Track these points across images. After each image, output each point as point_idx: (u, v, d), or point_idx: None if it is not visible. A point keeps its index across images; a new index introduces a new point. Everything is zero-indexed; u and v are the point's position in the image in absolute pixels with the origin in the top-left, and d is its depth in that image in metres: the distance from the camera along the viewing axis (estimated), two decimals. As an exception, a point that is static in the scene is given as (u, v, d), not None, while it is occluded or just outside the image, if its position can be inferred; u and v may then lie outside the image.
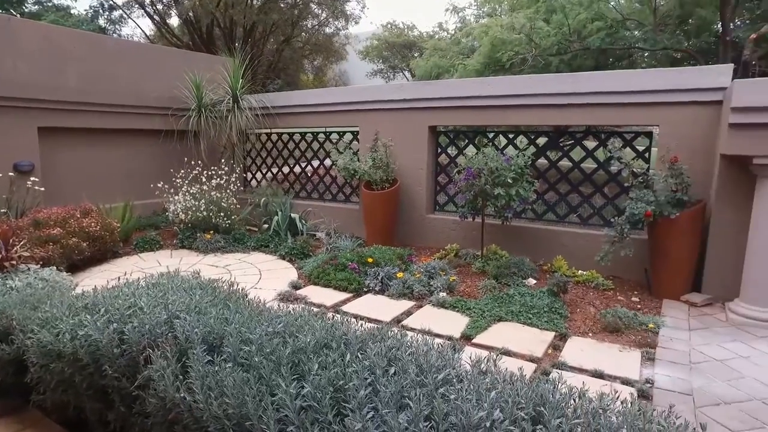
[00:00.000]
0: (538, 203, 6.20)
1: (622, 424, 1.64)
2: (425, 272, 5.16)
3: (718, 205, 4.73)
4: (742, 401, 3.06)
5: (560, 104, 5.68)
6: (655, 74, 5.30)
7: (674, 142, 5.07)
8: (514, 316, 4.29)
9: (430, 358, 2.08)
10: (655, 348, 3.75)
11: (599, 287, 5.07)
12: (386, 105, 6.95)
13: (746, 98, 4.11)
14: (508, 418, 1.65)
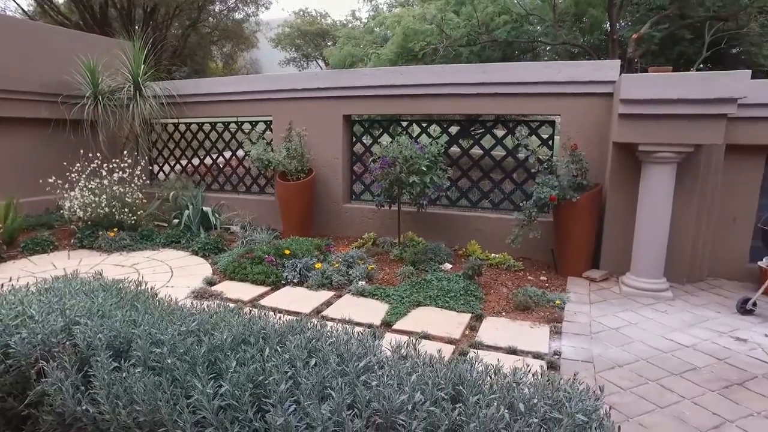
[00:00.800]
0: (452, 190, 6.41)
1: (534, 394, 1.74)
2: (344, 262, 5.16)
3: (612, 188, 5.15)
4: (631, 363, 3.38)
5: (471, 93, 5.89)
6: (556, 67, 5.64)
7: (574, 131, 5.45)
8: (432, 301, 4.41)
9: (350, 347, 2.08)
10: (562, 322, 4.03)
11: (511, 269, 5.35)
12: (300, 94, 6.82)
13: (632, 91, 4.48)
14: (429, 399, 1.70)
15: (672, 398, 2.98)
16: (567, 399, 1.72)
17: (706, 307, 4.45)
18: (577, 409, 1.64)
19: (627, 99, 4.51)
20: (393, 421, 1.63)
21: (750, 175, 5.10)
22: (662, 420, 2.76)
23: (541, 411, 1.64)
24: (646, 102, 4.44)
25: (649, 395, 3.00)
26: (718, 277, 5.25)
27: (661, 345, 3.67)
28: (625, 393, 3.03)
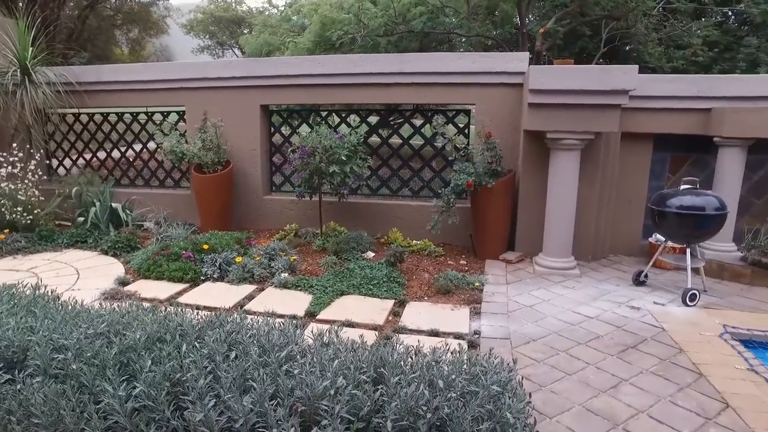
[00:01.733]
0: (372, 179, 6.46)
1: (452, 371, 1.82)
2: (265, 254, 5.07)
3: (524, 174, 5.44)
4: (544, 336, 3.62)
5: (389, 83, 5.95)
6: (470, 58, 5.83)
7: (488, 119, 5.67)
8: (356, 289, 4.45)
9: (272, 338, 2.06)
10: (481, 303, 4.22)
11: (432, 254, 5.50)
12: (215, 83, 6.54)
13: (539, 82, 4.74)
14: (351, 383, 1.72)
15: (579, 365, 3.23)
16: (483, 373, 1.81)
17: (607, 281, 4.84)
18: (491, 381, 1.73)
19: (535, 89, 4.77)
20: (316, 407, 1.64)
21: (641, 160, 5.59)
22: (571, 386, 2.99)
23: (459, 386, 1.72)
24: (552, 92, 4.72)
25: (559, 365, 3.23)
26: (618, 254, 5.72)
27: (570, 318, 3.95)
28: (538, 364, 3.24)
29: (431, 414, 1.58)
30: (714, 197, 4.36)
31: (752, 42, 11.50)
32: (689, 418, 2.69)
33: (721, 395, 2.88)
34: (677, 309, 4.16)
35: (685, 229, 4.33)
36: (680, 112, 5.31)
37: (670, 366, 3.23)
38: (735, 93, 5.18)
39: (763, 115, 4.88)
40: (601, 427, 2.61)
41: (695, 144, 5.42)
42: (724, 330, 3.73)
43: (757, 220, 5.52)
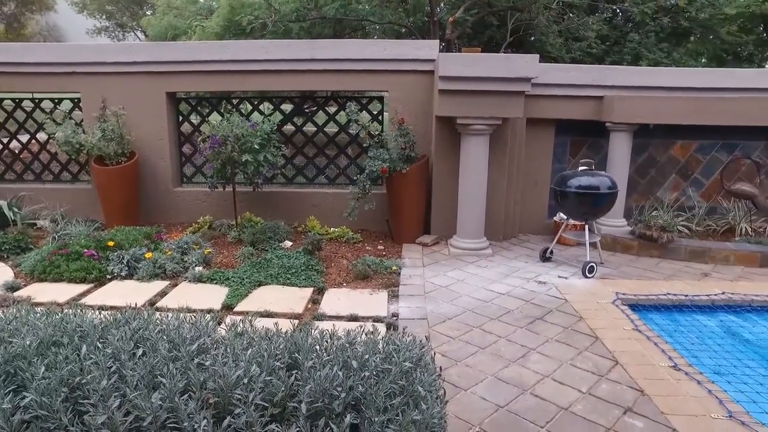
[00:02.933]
0: (287, 168, 6.37)
1: (366, 351, 1.86)
2: (177, 249, 4.84)
3: (437, 158, 5.60)
4: (459, 314, 3.79)
5: (302, 70, 5.86)
6: (382, 45, 5.88)
7: (401, 106, 5.76)
8: (274, 279, 4.39)
9: (182, 332, 1.98)
10: (399, 286, 4.32)
11: (350, 241, 5.53)
12: (115, 68, 6.08)
13: (449, 69, 4.89)
14: (265, 370, 1.71)
15: (491, 339, 3.41)
16: (396, 351, 1.87)
17: (517, 259, 5.14)
18: (404, 358, 1.79)
19: (445, 76, 4.91)
20: (230, 397, 1.61)
21: (544, 144, 5.96)
22: (484, 358, 3.16)
23: (373, 365, 1.76)
24: (461, 79, 4.89)
25: (473, 340, 3.40)
26: (527, 233, 6.09)
27: (483, 296, 4.16)
28: (454, 341, 3.38)
29: (345, 394, 1.61)
30: (607, 177, 4.76)
31: (635, 38, 12.57)
32: (586, 378, 2.94)
33: (612, 354, 3.19)
34: (578, 281, 4.51)
35: (583, 207, 4.69)
36: (577, 100, 5.71)
37: (572, 333, 3.51)
38: (621, 82, 5.66)
39: (644, 103, 5.38)
40: (511, 393, 2.79)
41: (591, 129, 5.85)
42: (616, 297, 4.10)
43: (642, 197, 6.10)
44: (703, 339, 3.71)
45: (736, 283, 4.57)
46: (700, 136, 5.96)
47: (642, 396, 2.77)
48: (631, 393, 2.80)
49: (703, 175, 6.12)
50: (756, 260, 5.09)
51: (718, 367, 3.28)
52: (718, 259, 5.15)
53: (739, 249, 5.17)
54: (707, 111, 5.33)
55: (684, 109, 5.35)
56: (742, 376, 3.19)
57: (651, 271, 4.86)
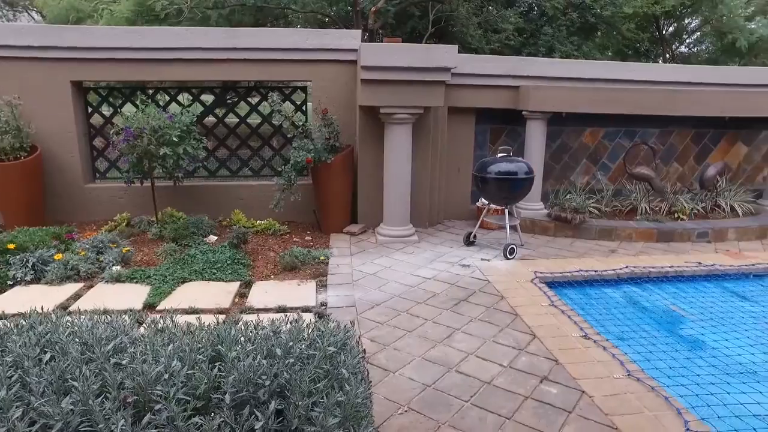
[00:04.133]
0: (210, 160, 6.17)
1: (290, 339, 1.87)
2: (92, 248, 4.56)
3: (362, 148, 5.64)
4: (387, 300, 3.87)
5: (222, 59, 5.66)
6: (303, 34, 5.81)
7: (325, 96, 5.74)
8: (199, 275, 4.26)
9: (97, 332, 1.90)
10: (327, 276, 4.33)
11: (277, 233, 5.47)
12: (6, 52, 5.54)
13: (370, 59, 4.93)
14: (187, 364, 1.67)
15: (418, 322, 3.52)
16: (320, 337, 1.89)
17: (443, 244, 5.31)
18: (328, 343, 1.82)
19: (367, 66, 4.94)
20: (150, 394, 1.57)
21: (466, 132, 6.17)
22: (411, 341, 3.25)
23: (297, 352, 1.78)
24: (383, 69, 4.94)
25: (401, 324, 3.49)
26: (452, 219, 6.29)
27: (410, 281, 4.27)
28: (382, 326, 3.46)
29: (270, 381, 1.62)
30: (524, 163, 5.01)
31: (548, 31, 13.25)
32: (507, 352, 3.12)
33: (530, 329, 3.39)
34: (500, 263, 4.74)
35: (503, 191, 4.92)
36: (496, 89, 5.95)
37: (494, 312, 3.70)
38: (536, 73, 5.96)
39: (556, 93, 5.70)
40: (438, 372, 2.90)
41: (509, 117, 6.13)
42: (534, 276, 4.35)
43: (557, 182, 6.49)
44: (609, 309, 4.04)
45: (637, 257, 5.00)
46: (606, 124, 6.42)
47: (557, 365, 2.98)
48: (547, 363, 3.00)
49: (609, 159, 6.60)
50: (654, 236, 5.59)
51: (621, 333, 3.59)
52: (623, 237, 5.60)
53: (640, 227, 5.65)
54: (610, 101, 5.75)
55: (591, 99, 5.73)
56: (640, 339, 3.53)
57: (566, 250, 5.20)
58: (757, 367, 3.23)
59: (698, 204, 6.23)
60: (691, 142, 6.77)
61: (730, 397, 2.87)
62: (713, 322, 3.89)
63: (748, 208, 6.35)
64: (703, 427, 2.45)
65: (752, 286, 4.66)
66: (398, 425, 2.43)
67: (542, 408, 2.59)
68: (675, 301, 4.26)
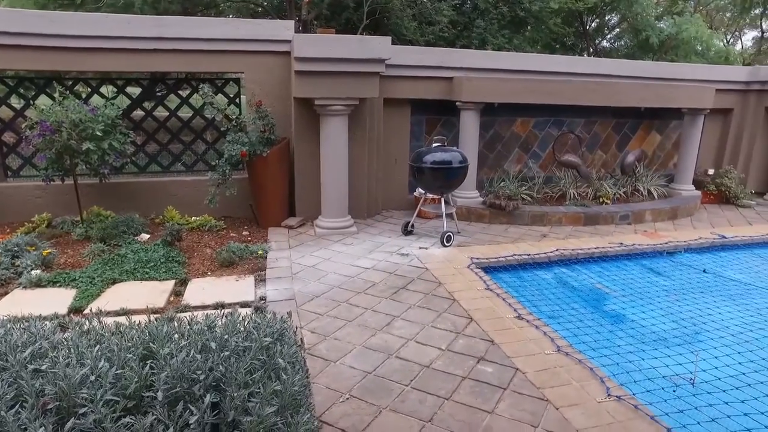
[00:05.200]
0: (139, 156, 5.89)
1: (226, 332, 1.84)
2: (6, 252, 4.25)
3: (298, 140, 5.58)
4: (326, 292, 3.87)
5: (148, 49, 5.38)
6: (235, 24, 5.65)
7: (258, 88, 5.62)
8: (130, 275, 4.08)
9: (11, 339, 1.79)
10: (265, 270, 4.27)
11: (213, 229, 5.32)
12: None
13: (304, 50, 4.87)
14: (116, 364, 1.61)
15: (358, 312, 3.55)
16: (256, 329, 1.88)
17: (381, 234, 5.36)
18: (264, 334, 1.81)
19: (300, 57, 4.88)
20: (74, 398, 1.50)
21: (402, 123, 6.25)
22: (352, 330, 3.28)
23: (233, 344, 1.76)
24: (316, 60, 4.90)
25: (341, 314, 3.51)
26: (390, 209, 6.36)
27: (349, 272, 4.29)
28: (322, 317, 3.46)
29: (206, 376, 1.59)
30: (458, 152, 5.14)
31: (481, 24, 13.61)
32: (445, 336, 3.21)
33: (467, 313, 3.51)
34: (438, 250, 4.85)
35: (438, 180, 5.03)
36: (430, 80, 6.06)
37: (432, 298, 3.79)
38: (469, 65, 6.12)
39: (488, 84, 5.87)
40: (378, 359, 2.95)
41: (444, 108, 6.25)
42: (471, 262, 4.50)
43: (492, 170, 6.71)
44: (541, 290, 4.25)
45: (566, 240, 5.27)
46: (536, 114, 6.70)
47: (492, 345, 3.11)
48: (483, 344, 3.12)
49: (540, 148, 6.90)
50: (581, 220, 5.91)
51: (552, 312, 3.79)
52: (554, 221, 5.89)
53: (569, 211, 5.96)
54: (538, 91, 5.99)
55: (521, 89, 5.96)
56: (569, 317, 3.74)
57: (501, 236, 5.40)
58: (666, 335, 3.52)
59: (620, 189, 6.66)
60: (613, 131, 7.20)
61: (644, 363, 3.12)
62: (632, 297, 4.18)
63: (662, 192, 6.85)
64: (622, 391, 2.65)
65: (665, 262, 5.05)
66: (340, 413, 2.45)
67: (479, 386, 2.69)
68: (600, 280, 4.54)
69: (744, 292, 4.35)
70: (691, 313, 3.89)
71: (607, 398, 2.59)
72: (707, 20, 18.99)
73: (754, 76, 7.50)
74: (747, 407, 2.72)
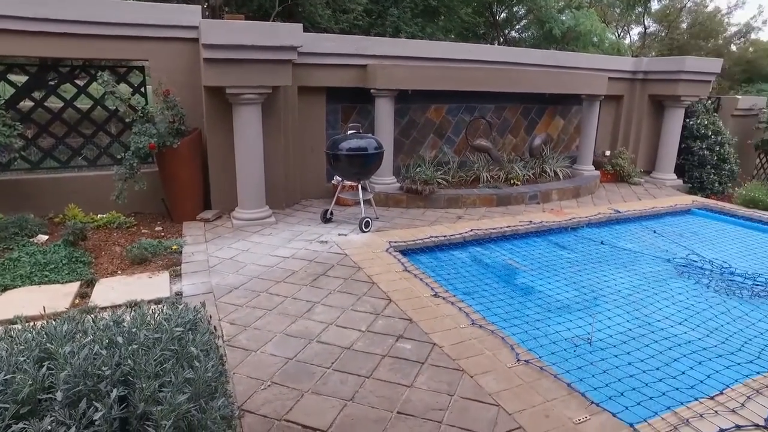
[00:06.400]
0: (31, 150, 5.42)
1: (134, 326, 1.78)
2: None
3: (210, 131, 5.39)
4: (245, 283, 3.82)
5: (31, 32, 4.92)
6: (135, 7, 5.30)
7: (165, 76, 5.34)
8: (27, 280, 3.78)
9: None
10: (181, 265, 4.12)
11: (122, 226, 5.04)
12: None
13: (211, 36, 4.69)
14: (4, 370, 1.52)
15: (278, 300, 3.54)
16: (167, 320, 1.83)
17: (301, 223, 5.34)
18: (176, 325, 1.78)
19: (208, 44, 4.71)
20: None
21: (317, 111, 6.22)
22: (272, 319, 3.27)
23: (141, 337, 1.71)
24: (226, 47, 4.74)
25: (261, 304, 3.48)
26: (309, 198, 6.34)
27: (268, 262, 4.24)
28: (242, 308, 3.41)
29: (112, 371, 1.53)
30: (373, 139, 5.21)
31: (394, 12, 13.77)
32: (366, 318, 3.29)
33: (386, 294, 3.61)
34: (356, 236, 4.91)
35: (354, 167, 5.08)
36: (344, 68, 6.06)
37: (352, 282, 3.85)
38: (383, 53, 6.18)
39: (401, 71, 5.99)
40: (299, 345, 2.96)
41: (359, 95, 6.29)
42: (389, 246, 4.60)
43: (408, 156, 6.86)
44: (457, 269, 4.45)
45: (480, 221, 5.53)
46: (449, 100, 6.92)
47: (410, 323, 3.22)
48: (402, 323, 3.23)
49: (453, 134, 7.15)
50: (494, 201, 6.22)
51: (467, 289, 3.99)
52: (468, 204, 6.15)
53: (482, 193, 6.25)
54: (450, 78, 6.20)
55: (433, 77, 6.13)
56: (483, 292, 3.95)
57: (418, 219, 5.56)
58: (569, 302, 3.83)
59: (529, 171, 7.07)
60: (521, 116, 7.61)
61: (550, 329, 3.38)
62: (540, 270, 4.49)
63: (567, 172, 7.36)
64: (530, 355, 2.86)
65: (569, 237, 5.45)
66: (262, 399, 2.45)
67: (398, 363, 2.79)
68: (511, 256, 4.83)
69: (633, 260, 4.82)
70: (591, 282, 4.25)
71: (517, 363, 2.79)
72: (601, 15, 20.45)
73: (638, 66, 8.22)
74: (631, 357, 3.07)
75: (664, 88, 7.99)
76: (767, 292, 4.11)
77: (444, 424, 2.31)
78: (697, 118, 8.26)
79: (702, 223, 6.27)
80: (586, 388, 2.58)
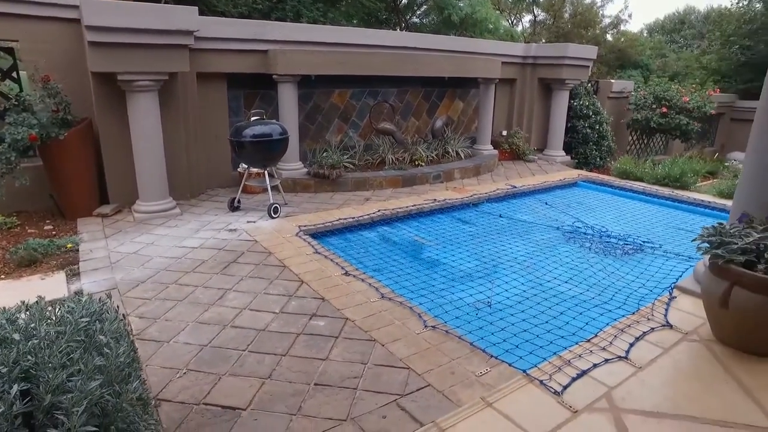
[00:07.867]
0: None
1: (32, 321, 1.72)
2: None
3: (102, 120, 5.07)
4: (153, 276, 3.71)
5: None
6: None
7: (43, 60, 4.92)
8: None
9: None
10: (78, 263, 3.90)
11: (3, 227, 4.62)
12: None
13: (95, 18, 4.39)
14: None
15: (188, 290, 3.48)
16: (70, 312, 1.79)
17: (207, 213, 5.21)
18: (80, 316, 1.74)
19: (92, 26, 4.41)
20: None
21: (219, 98, 6.05)
22: (183, 309, 3.22)
23: (42, 332, 1.66)
24: (113, 30, 4.46)
25: (170, 295, 3.40)
26: (215, 188, 6.18)
27: (176, 254, 4.13)
28: (150, 302, 3.32)
29: (9, 368, 1.49)
30: (278, 125, 5.20)
31: (295, -5, 13.57)
32: (279, 300, 3.35)
33: (298, 276, 3.68)
34: (266, 223, 4.90)
35: (260, 154, 5.04)
36: (244, 54, 5.93)
37: (263, 267, 3.87)
38: (283, 37, 6.12)
39: (303, 56, 5.98)
40: (213, 331, 2.96)
41: (261, 81, 6.19)
42: (299, 230, 4.66)
43: (314, 141, 6.90)
44: (366, 248, 4.61)
45: (387, 201, 5.74)
46: (353, 85, 7.01)
47: (323, 302, 3.33)
48: (315, 302, 3.33)
49: (358, 118, 7.27)
50: (399, 182, 6.46)
51: (377, 266, 4.16)
52: (375, 186, 6.34)
53: (388, 175, 6.46)
54: (350, 63, 6.29)
55: (333, 61, 6.18)
56: (391, 268, 4.15)
57: (326, 203, 5.64)
58: (472, 272, 4.14)
59: (432, 152, 7.39)
60: (423, 100, 7.90)
61: (454, 296, 3.65)
62: (445, 244, 4.78)
63: (468, 152, 7.79)
64: (436, 322, 3.09)
65: (471, 212, 5.83)
66: (179, 387, 2.45)
67: (313, 339, 2.90)
68: (418, 233, 5.08)
69: (528, 230, 5.27)
70: (491, 252, 4.61)
71: (424, 329, 3.00)
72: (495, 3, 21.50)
73: (527, 52, 8.84)
74: (525, 314, 3.42)
75: (550, 72, 8.68)
76: (634, 250, 4.71)
77: (359, 389, 2.46)
78: (579, 99, 9.08)
79: (586, 194, 6.96)
80: (486, 345, 2.85)
